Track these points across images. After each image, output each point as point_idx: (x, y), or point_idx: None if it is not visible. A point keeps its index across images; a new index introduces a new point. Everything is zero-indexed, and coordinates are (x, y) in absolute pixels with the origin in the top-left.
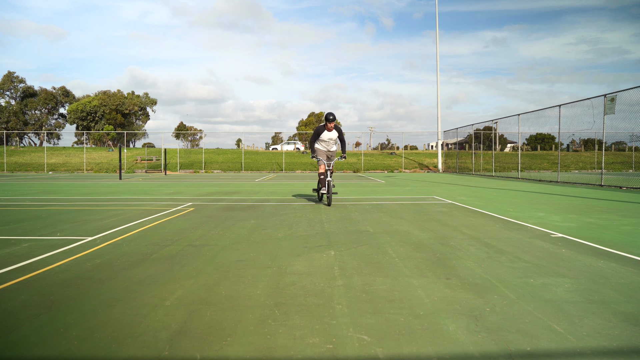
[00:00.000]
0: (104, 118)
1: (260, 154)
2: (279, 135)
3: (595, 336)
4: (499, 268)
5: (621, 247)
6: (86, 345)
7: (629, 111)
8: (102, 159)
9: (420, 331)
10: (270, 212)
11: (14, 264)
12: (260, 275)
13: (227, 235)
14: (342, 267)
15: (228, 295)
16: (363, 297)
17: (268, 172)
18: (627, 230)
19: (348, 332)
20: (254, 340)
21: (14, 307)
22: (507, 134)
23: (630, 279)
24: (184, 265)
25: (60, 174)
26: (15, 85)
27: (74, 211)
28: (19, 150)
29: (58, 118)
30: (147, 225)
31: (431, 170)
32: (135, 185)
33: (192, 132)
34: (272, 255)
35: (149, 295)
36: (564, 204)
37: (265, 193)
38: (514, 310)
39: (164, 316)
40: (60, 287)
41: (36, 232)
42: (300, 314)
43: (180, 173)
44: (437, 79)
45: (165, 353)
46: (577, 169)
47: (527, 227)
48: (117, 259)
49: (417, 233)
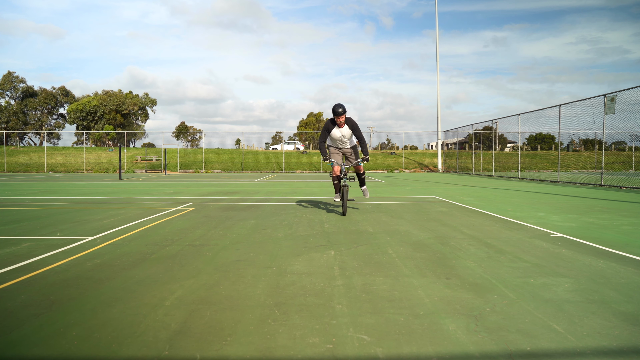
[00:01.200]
0: (104, 118)
1: (260, 154)
2: (279, 135)
3: (595, 336)
4: (499, 268)
5: (621, 247)
6: (86, 345)
7: (629, 111)
8: (102, 159)
9: (420, 331)
10: (270, 212)
11: (14, 264)
12: (260, 275)
13: (227, 235)
14: (342, 267)
15: (228, 295)
16: (363, 297)
17: (268, 172)
18: (627, 230)
19: (348, 332)
20: (254, 340)
21: (14, 307)
22: (507, 133)
23: (630, 279)
24: (184, 265)
25: (60, 174)
26: (15, 85)
27: (73, 211)
28: (19, 150)
29: (58, 118)
30: (147, 225)
31: (431, 170)
32: (135, 185)
33: (191, 132)
34: (272, 255)
35: (149, 295)
36: (564, 203)
37: (265, 193)
38: (514, 310)
39: (164, 316)
40: (60, 287)
41: (36, 232)
42: (300, 314)
43: (180, 173)
44: (437, 78)
45: (165, 353)
46: (577, 168)
47: (527, 227)
48: (117, 259)
49: (417, 233)
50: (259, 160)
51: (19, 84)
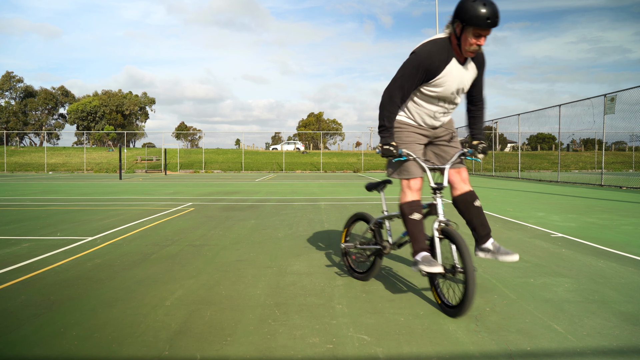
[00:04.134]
0: (104, 118)
1: (260, 154)
2: (279, 135)
3: (595, 336)
4: (499, 268)
5: (621, 247)
6: (86, 345)
7: (629, 111)
8: (102, 159)
9: (420, 331)
10: (271, 211)
11: (14, 264)
12: (260, 275)
13: (227, 235)
14: (342, 267)
15: (228, 295)
16: (363, 297)
17: (268, 172)
18: (627, 230)
19: (348, 332)
20: (254, 340)
21: (14, 307)
22: (507, 133)
23: (630, 279)
24: (184, 265)
25: (60, 174)
26: (14, 85)
27: (74, 211)
28: (19, 150)
29: (58, 118)
30: (147, 225)
31: None
32: (135, 185)
33: (191, 132)
34: (272, 255)
35: (149, 295)
36: (564, 203)
37: (266, 193)
38: (514, 310)
39: (164, 316)
40: (60, 287)
41: (36, 232)
42: (301, 314)
43: (180, 173)
44: None
45: (165, 353)
46: (577, 168)
47: (527, 227)
48: (117, 259)
49: None
50: (259, 160)
51: (18, 83)
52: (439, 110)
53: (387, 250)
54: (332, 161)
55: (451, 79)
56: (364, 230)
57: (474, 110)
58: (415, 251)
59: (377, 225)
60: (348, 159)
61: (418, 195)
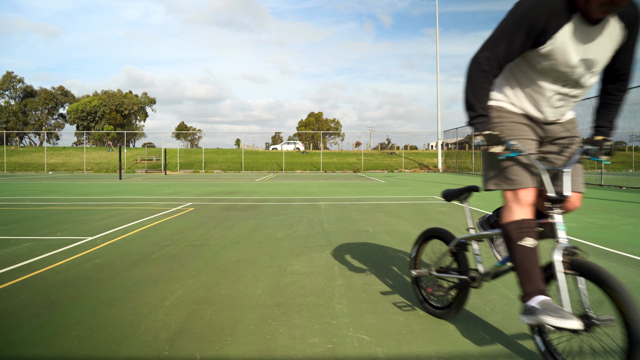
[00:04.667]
0: (104, 118)
1: (260, 154)
2: (278, 135)
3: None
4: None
5: (621, 247)
6: (86, 345)
7: (629, 111)
8: (102, 159)
9: (420, 331)
10: (270, 211)
11: (14, 264)
12: (260, 275)
13: (227, 235)
14: (342, 267)
15: (228, 295)
16: (363, 297)
17: (268, 172)
18: (627, 230)
19: (348, 332)
20: (254, 340)
21: (14, 307)
22: None
23: (630, 279)
24: (184, 265)
25: (60, 174)
26: (13, 85)
27: (74, 211)
28: (19, 150)
29: (58, 118)
30: (147, 225)
31: (431, 170)
32: (135, 185)
33: (191, 132)
34: (272, 255)
35: (149, 295)
36: None
37: (265, 193)
38: (514, 310)
39: (164, 316)
40: (60, 287)
41: (36, 232)
42: (300, 314)
43: (180, 173)
44: (437, 78)
45: (165, 353)
46: None
47: None
48: (117, 259)
49: (417, 233)
50: (259, 160)
51: (17, 83)
52: (555, 92)
53: (476, 284)
54: (331, 161)
55: (570, 46)
56: (441, 252)
57: (610, 91)
58: (527, 293)
59: (459, 247)
60: (348, 159)
61: (530, 213)
